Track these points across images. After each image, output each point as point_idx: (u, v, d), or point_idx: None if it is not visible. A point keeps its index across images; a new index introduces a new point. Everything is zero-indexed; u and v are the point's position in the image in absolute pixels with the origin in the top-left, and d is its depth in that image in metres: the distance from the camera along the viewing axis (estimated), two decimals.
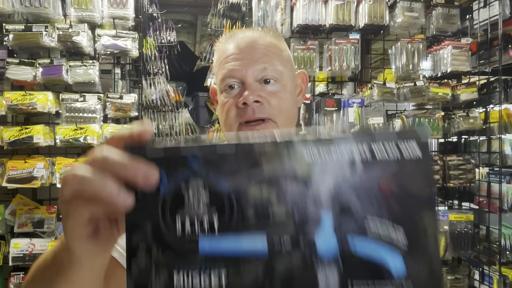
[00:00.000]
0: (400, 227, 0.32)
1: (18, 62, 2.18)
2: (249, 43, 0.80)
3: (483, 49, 2.56)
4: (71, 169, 0.39)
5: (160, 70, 2.40)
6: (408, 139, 0.33)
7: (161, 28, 2.47)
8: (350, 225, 0.33)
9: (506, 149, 2.60)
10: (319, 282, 0.34)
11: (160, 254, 0.37)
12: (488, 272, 2.52)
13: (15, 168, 2.15)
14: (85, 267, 0.44)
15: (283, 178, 0.35)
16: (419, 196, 0.33)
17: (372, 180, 0.33)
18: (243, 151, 0.35)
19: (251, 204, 0.35)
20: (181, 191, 0.36)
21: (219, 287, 0.36)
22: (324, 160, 0.34)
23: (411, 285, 0.32)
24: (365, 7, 2.37)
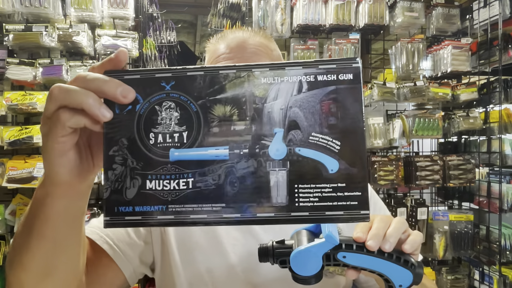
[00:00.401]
0: (336, 140, 0.41)
1: (18, 62, 2.18)
2: (239, 42, 0.81)
3: (483, 49, 2.56)
4: (56, 85, 0.42)
5: None
6: (344, 65, 0.41)
7: (161, 28, 2.47)
8: (297, 138, 0.41)
9: (506, 149, 2.60)
10: (271, 179, 0.41)
11: (135, 162, 0.42)
12: (488, 272, 2.52)
13: (15, 168, 2.15)
14: (66, 194, 0.46)
15: (243, 99, 0.41)
16: (350, 112, 0.41)
17: (315, 100, 0.41)
18: (209, 74, 0.41)
19: (215, 120, 0.41)
20: (155, 109, 0.42)
21: (187, 187, 0.41)
22: (277, 83, 0.41)
23: (342, 177, 0.41)
24: (365, 7, 2.37)
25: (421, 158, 2.48)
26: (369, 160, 2.40)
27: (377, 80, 2.50)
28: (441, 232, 2.46)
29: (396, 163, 2.42)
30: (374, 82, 2.41)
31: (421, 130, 2.45)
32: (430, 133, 2.46)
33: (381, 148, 2.46)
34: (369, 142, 2.42)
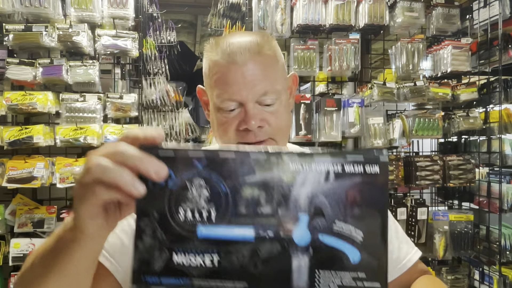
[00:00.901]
0: (359, 230, 0.42)
1: (18, 62, 2.18)
2: (248, 60, 0.74)
3: (483, 49, 2.56)
4: (93, 158, 0.45)
5: (160, 70, 2.40)
6: (371, 159, 0.42)
7: (161, 28, 2.47)
8: (321, 225, 0.43)
9: (506, 149, 2.60)
10: (293, 263, 0.43)
11: (163, 236, 0.44)
12: (488, 272, 2.52)
13: (15, 168, 2.15)
14: (91, 242, 0.49)
15: (271, 183, 0.43)
16: (375, 203, 0.42)
17: (341, 190, 0.42)
18: (240, 157, 0.43)
19: (243, 202, 0.43)
20: (186, 186, 0.44)
21: (212, 264, 0.43)
22: (305, 171, 0.42)
23: (362, 268, 0.42)
24: (365, 7, 2.37)
25: (421, 158, 2.48)
26: None
27: (377, 80, 2.50)
28: (441, 232, 2.46)
29: (396, 163, 2.42)
30: (374, 82, 2.41)
31: (421, 130, 2.45)
32: (430, 133, 2.46)
33: (381, 148, 2.46)
34: (369, 142, 2.41)
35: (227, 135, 0.78)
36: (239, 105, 0.75)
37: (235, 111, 0.76)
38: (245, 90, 0.74)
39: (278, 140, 0.79)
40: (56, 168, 2.21)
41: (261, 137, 0.76)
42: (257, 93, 0.74)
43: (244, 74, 0.74)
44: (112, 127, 2.28)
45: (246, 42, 0.76)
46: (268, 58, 0.77)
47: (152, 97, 2.35)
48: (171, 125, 2.42)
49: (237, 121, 0.76)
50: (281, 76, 0.80)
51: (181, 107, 2.46)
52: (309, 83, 2.73)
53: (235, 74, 0.74)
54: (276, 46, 0.82)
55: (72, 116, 2.25)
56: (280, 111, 0.78)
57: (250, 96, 0.74)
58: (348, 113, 2.37)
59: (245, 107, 0.75)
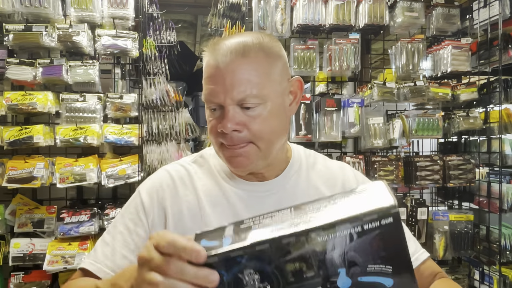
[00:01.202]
0: (388, 265, 0.50)
1: (18, 62, 2.18)
2: (230, 64, 0.73)
3: (483, 49, 2.56)
4: (154, 275, 0.50)
5: (160, 70, 2.40)
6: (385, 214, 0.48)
7: (161, 28, 2.47)
8: (357, 271, 0.50)
9: (506, 149, 2.60)
10: None
11: None
12: (488, 272, 2.52)
13: (15, 168, 2.15)
14: None
15: (308, 255, 0.50)
16: (396, 244, 0.50)
17: (366, 243, 0.49)
18: (274, 244, 0.49)
19: (290, 274, 0.50)
20: (238, 277, 0.50)
21: None
22: (332, 239, 0.49)
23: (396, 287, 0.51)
24: (365, 7, 2.37)
25: (421, 158, 2.48)
26: (369, 160, 2.40)
27: (377, 80, 2.50)
28: (441, 232, 2.46)
29: (396, 163, 2.42)
30: (374, 82, 2.41)
31: (421, 130, 2.45)
32: (430, 133, 2.46)
33: (381, 148, 2.46)
34: (369, 142, 2.41)
35: (211, 133, 0.79)
36: (219, 106, 0.76)
37: (217, 111, 0.77)
38: (223, 93, 0.74)
39: (261, 146, 0.77)
40: (56, 168, 2.21)
41: (238, 141, 0.76)
42: (236, 97, 0.73)
43: (224, 76, 0.73)
44: (112, 127, 2.28)
45: (234, 44, 0.75)
46: (255, 61, 0.75)
47: (152, 97, 2.35)
48: (171, 125, 2.42)
49: (217, 121, 0.76)
50: (272, 80, 0.77)
51: (181, 107, 2.46)
52: (309, 83, 2.73)
53: (216, 77, 0.74)
54: (273, 49, 0.79)
55: (72, 116, 2.25)
56: (264, 116, 0.75)
57: (228, 100, 0.74)
58: (348, 113, 2.37)
59: (224, 108, 0.75)
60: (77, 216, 2.19)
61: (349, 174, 0.92)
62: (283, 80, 0.80)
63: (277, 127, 0.78)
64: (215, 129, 0.77)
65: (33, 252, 2.15)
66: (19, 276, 2.19)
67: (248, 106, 0.74)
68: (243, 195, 0.83)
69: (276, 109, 0.78)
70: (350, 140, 2.70)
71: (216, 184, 0.85)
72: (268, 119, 0.76)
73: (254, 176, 0.85)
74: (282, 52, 0.81)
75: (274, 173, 0.86)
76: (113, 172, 2.24)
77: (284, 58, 0.81)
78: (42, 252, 2.15)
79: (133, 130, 2.30)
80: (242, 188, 0.84)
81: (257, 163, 0.79)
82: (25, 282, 2.19)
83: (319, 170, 0.91)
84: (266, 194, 0.84)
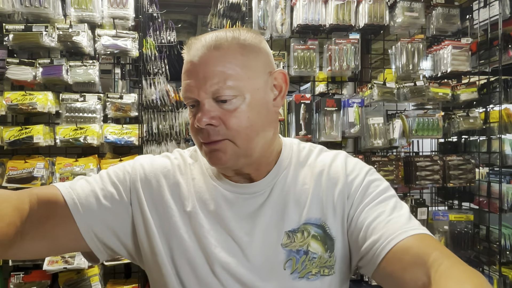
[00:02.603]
0: None
1: (18, 62, 2.18)
2: (202, 56, 0.72)
3: (483, 49, 2.56)
4: None
5: (160, 70, 2.40)
6: None
7: (161, 28, 2.47)
8: None
9: (506, 149, 2.60)
10: None
11: None
12: (488, 272, 2.52)
13: (15, 168, 2.15)
14: None
15: None
16: None
17: None
18: None
19: None
20: None
21: None
22: None
23: None
24: (365, 7, 2.37)
25: (421, 158, 2.48)
26: (369, 160, 2.40)
27: (377, 80, 2.50)
28: (441, 232, 2.46)
29: (396, 163, 2.42)
30: (374, 82, 2.41)
31: (421, 130, 2.45)
32: (430, 133, 2.46)
33: (381, 148, 2.46)
34: (369, 142, 2.42)
35: (192, 132, 0.77)
36: (196, 102, 0.74)
37: (195, 108, 0.75)
38: (197, 88, 0.72)
39: (238, 142, 0.73)
40: (56, 168, 2.21)
41: (215, 136, 0.73)
42: (209, 89, 0.72)
43: (197, 70, 0.73)
44: (112, 127, 2.28)
45: (208, 39, 0.74)
46: (228, 53, 0.72)
47: (152, 97, 2.35)
48: (171, 125, 2.42)
49: (195, 118, 0.74)
50: (250, 72, 0.74)
51: (181, 107, 2.46)
52: (309, 83, 2.73)
53: (191, 71, 0.74)
54: (251, 41, 0.76)
55: (72, 116, 2.25)
56: (242, 109, 0.72)
57: (202, 93, 0.72)
58: (348, 113, 2.37)
59: (199, 103, 0.73)
60: None
61: (337, 164, 0.84)
62: (263, 73, 0.77)
63: (257, 122, 0.74)
64: (193, 127, 0.75)
65: None
66: (19, 276, 2.19)
67: (223, 99, 0.72)
68: (229, 196, 0.80)
69: (256, 103, 0.74)
70: (350, 140, 2.70)
71: (204, 182, 0.83)
72: (246, 112, 0.73)
73: (242, 177, 0.82)
74: (262, 45, 0.78)
75: (262, 173, 0.82)
76: None
77: (265, 51, 0.78)
78: None
79: (133, 130, 2.30)
80: (229, 190, 0.81)
81: (237, 160, 0.75)
82: (25, 282, 2.19)
83: (310, 164, 0.85)
84: (251, 196, 0.80)
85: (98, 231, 0.77)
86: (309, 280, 0.77)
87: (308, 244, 0.78)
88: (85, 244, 0.77)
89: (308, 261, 0.77)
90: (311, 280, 0.77)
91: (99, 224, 0.77)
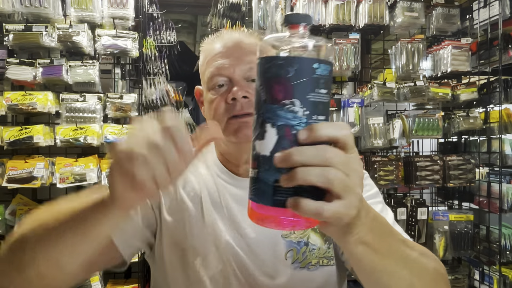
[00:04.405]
0: None
1: (18, 62, 2.18)
2: (236, 42, 0.84)
3: (483, 49, 2.56)
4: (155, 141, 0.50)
5: (160, 70, 2.40)
6: None
7: (161, 28, 2.47)
8: None
9: (506, 149, 2.60)
10: None
11: None
12: (488, 272, 2.52)
13: (15, 168, 2.15)
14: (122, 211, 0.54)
15: None
16: None
17: None
18: None
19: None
20: None
21: None
22: None
23: None
24: (365, 7, 2.37)
25: (421, 158, 2.48)
26: (369, 160, 2.40)
27: (377, 80, 2.50)
28: (441, 232, 2.46)
29: (396, 163, 2.42)
30: (374, 82, 2.41)
31: (421, 130, 2.45)
32: (430, 133, 2.46)
33: (381, 148, 2.46)
34: (369, 142, 2.41)
35: (217, 111, 0.82)
36: (228, 81, 0.81)
37: (223, 87, 0.82)
38: (232, 66, 0.81)
39: None
40: (56, 168, 2.21)
41: (248, 108, 0.79)
42: (243, 68, 0.80)
43: (232, 52, 0.82)
44: (112, 127, 2.28)
45: (235, 33, 0.87)
46: (254, 46, 0.83)
47: (152, 97, 2.35)
48: None
49: (225, 95, 0.81)
50: None
51: (181, 107, 2.46)
52: None
53: (224, 53, 0.83)
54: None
55: (72, 116, 2.25)
56: None
57: (238, 71, 0.81)
58: (348, 113, 2.36)
59: (232, 81, 0.81)
60: None
61: None
62: None
63: None
64: (223, 103, 0.81)
65: None
66: None
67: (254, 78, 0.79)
68: (234, 191, 0.85)
69: None
70: None
71: (211, 177, 0.88)
72: None
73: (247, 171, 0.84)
74: None
75: None
76: None
77: None
78: None
79: None
80: (235, 185, 0.86)
81: None
82: None
83: None
84: None
85: (133, 246, 0.82)
86: (309, 270, 0.81)
87: (308, 236, 0.83)
88: (120, 256, 0.80)
89: (309, 252, 0.82)
90: (311, 270, 0.81)
91: (134, 240, 0.82)
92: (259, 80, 0.49)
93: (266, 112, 0.47)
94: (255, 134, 0.49)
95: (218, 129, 0.56)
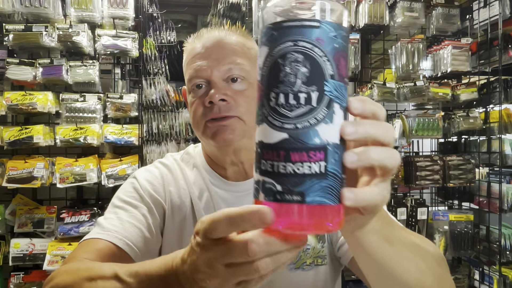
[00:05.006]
0: None
1: (18, 62, 2.18)
2: (215, 42, 0.81)
3: (483, 49, 2.56)
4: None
5: (160, 70, 2.40)
6: None
7: (161, 28, 2.47)
8: None
9: (506, 149, 2.60)
10: None
11: None
12: (488, 272, 2.52)
13: (15, 168, 2.15)
14: None
15: None
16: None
17: None
18: None
19: None
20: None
21: None
22: None
23: None
24: (365, 7, 2.37)
25: (421, 158, 2.48)
26: None
27: (377, 80, 2.50)
28: (441, 232, 2.46)
29: None
30: (374, 82, 2.41)
31: (421, 130, 2.45)
32: (430, 133, 2.46)
33: None
34: None
35: (195, 114, 0.81)
36: (206, 82, 0.80)
37: (202, 89, 0.80)
38: (210, 68, 0.78)
39: (247, 120, 0.78)
40: (56, 168, 2.21)
41: (226, 111, 0.77)
42: (222, 69, 0.78)
43: (210, 53, 0.80)
44: (112, 127, 2.28)
45: (216, 31, 0.84)
46: (236, 41, 0.81)
47: (152, 97, 2.35)
48: (171, 125, 2.42)
49: (203, 98, 0.79)
50: (253, 61, 0.81)
51: (181, 107, 2.46)
52: None
53: (203, 54, 0.80)
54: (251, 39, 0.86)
55: (72, 116, 2.25)
56: (250, 92, 0.78)
57: (216, 72, 0.78)
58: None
59: (210, 83, 0.79)
60: (77, 216, 2.19)
61: None
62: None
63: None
64: (201, 106, 0.79)
65: (33, 252, 2.15)
66: (19, 276, 2.19)
67: (235, 77, 0.78)
68: (222, 194, 0.85)
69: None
70: None
71: (202, 179, 0.87)
72: (253, 96, 0.76)
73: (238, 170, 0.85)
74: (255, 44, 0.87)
75: None
76: (113, 172, 2.24)
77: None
78: (42, 252, 2.15)
79: (133, 130, 2.30)
80: (222, 188, 0.85)
81: (242, 139, 0.79)
82: (25, 282, 2.19)
83: None
84: (244, 194, 0.85)
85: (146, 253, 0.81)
86: (304, 270, 0.81)
87: None
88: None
89: (303, 252, 0.81)
90: (306, 270, 0.81)
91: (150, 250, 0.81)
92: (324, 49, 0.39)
93: (334, 90, 0.39)
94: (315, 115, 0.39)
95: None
